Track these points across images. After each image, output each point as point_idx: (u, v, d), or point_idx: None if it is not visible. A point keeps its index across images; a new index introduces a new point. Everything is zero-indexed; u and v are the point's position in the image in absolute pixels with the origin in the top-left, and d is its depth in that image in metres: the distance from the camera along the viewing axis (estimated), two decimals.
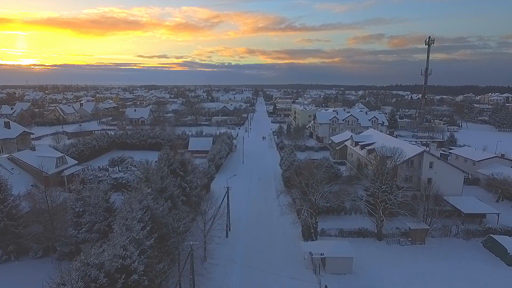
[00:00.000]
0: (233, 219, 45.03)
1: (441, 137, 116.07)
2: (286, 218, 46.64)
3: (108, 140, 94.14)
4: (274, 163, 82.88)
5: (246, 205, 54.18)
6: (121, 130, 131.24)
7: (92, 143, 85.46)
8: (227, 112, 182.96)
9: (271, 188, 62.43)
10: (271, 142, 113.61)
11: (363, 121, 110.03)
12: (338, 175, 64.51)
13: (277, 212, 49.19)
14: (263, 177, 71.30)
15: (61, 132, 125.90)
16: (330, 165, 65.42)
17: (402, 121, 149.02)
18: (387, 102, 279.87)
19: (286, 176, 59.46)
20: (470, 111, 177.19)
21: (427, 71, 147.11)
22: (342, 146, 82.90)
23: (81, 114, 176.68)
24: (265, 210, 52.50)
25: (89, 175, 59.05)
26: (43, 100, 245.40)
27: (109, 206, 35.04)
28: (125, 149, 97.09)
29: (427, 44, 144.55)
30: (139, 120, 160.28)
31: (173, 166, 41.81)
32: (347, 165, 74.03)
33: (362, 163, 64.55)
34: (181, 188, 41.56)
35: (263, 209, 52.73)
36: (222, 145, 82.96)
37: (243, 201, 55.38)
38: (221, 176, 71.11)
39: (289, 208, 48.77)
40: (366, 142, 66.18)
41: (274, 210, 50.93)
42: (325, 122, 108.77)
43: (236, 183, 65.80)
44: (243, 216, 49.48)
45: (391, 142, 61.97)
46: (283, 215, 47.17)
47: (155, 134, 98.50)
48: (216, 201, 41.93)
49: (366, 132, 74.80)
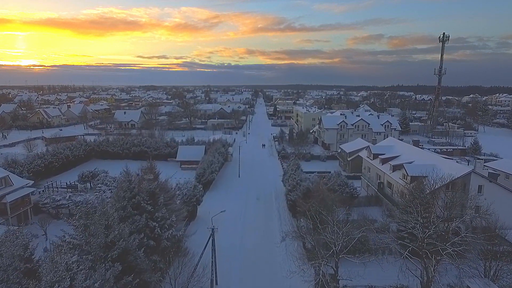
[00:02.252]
0: (221, 268, 33.18)
1: (460, 143, 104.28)
2: (292, 262, 34.77)
3: (86, 148, 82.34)
4: (276, 176, 71.11)
5: (239, 241, 41.80)
6: (107, 135, 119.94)
7: (65, 153, 73.71)
8: (224, 114, 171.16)
9: (273, 213, 50.66)
10: (271, 149, 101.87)
11: (375, 126, 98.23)
12: (354, 196, 52.88)
13: (281, 254, 37.32)
14: (263, 195, 59.48)
15: (40, 137, 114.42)
16: (344, 182, 53.74)
17: (414, 124, 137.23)
18: (392, 103, 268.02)
19: (291, 200, 47.76)
20: (485, 113, 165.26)
21: (441, 71, 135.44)
22: (355, 157, 71.20)
23: (68, 116, 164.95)
24: (265, 252, 39.78)
25: (45, 198, 47.28)
26: (31, 101, 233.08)
27: (30, 267, 23.27)
28: (106, 159, 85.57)
29: (441, 41, 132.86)
30: (128, 123, 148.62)
31: (137, 199, 30.07)
32: (363, 181, 62.29)
33: (384, 181, 52.79)
34: (149, 229, 29.87)
35: (262, 253, 39.49)
36: (215, 155, 71.26)
37: (236, 234, 43.42)
38: (212, 195, 59.46)
39: (298, 249, 36.95)
40: (388, 155, 54.47)
41: (277, 254, 38.82)
42: (333, 127, 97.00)
43: (229, 203, 54.36)
44: (235, 262, 37.25)
45: (420, 156, 50.38)
46: (289, 256, 35.39)
47: (140, 141, 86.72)
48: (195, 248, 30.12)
49: (385, 142, 63.13)
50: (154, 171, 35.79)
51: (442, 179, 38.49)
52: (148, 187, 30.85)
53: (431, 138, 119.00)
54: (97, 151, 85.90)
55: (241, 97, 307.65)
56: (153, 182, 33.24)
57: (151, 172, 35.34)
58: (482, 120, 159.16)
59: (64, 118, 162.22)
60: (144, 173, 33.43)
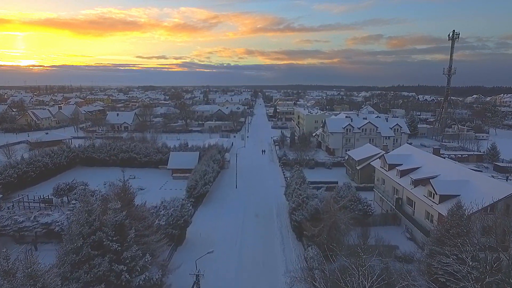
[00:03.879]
0: None
1: (475, 148, 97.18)
2: None
3: (69, 155, 75.09)
4: (277, 187, 64.10)
5: (234, 283, 33.84)
6: (97, 138, 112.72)
7: (43, 161, 66.48)
8: (222, 116, 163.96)
9: (274, 236, 43.41)
10: (271, 155, 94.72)
11: (383, 129, 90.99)
12: (369, 213, 45.80)
13: None
14: (263, 211, 52.21)
15: (25, 141, 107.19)
16: (356, 198, 46.66)
17: (421, 127, 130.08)
18: (395, 104, 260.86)
19: (296, 221, 40.61)
20: (494, 115, 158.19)
21: (451, 70, 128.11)
22: (365, 165, 64.11)
23: (59, 118, 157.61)
24: None
25: (5, 219, 40.03)
26: (23, 102, 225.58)
27: None
28: (92, 166, 78.53)
29: (450, 39, 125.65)
30: (121, 125, 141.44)
31: (99, 235, 22.92)
32: (376, 194, 55.16)
33: (403, 197, 45.64)
34: (114, 274, 22.74)
35: None
36: (209, 163, 64.08)
37: (230, 265, 36.08)
38: (205, 210, 52.29)
39: None
40: (406, 165, 47.33)
41: None
42: (338, 131, 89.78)
43: (224, 221, 47.40)
44: None
45: (444, 167, 43.29)
46: None
47: (128, 147, 79.45)
48: None
49: (401, 150, 55.93)
50: (127, 193, 28.57)
51: (481, 201, 31.48)
52: (114, 218, 23.68)
53: (442, 142, 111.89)
54: (82, 157, 78.66)
55: (241, 97, 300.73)
56: (125, 209, 26.06)
57: (123, 194, 28.12)
58: (491, 122, 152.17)
59: (55, 120, 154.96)
60: (112, 198, 26.19)
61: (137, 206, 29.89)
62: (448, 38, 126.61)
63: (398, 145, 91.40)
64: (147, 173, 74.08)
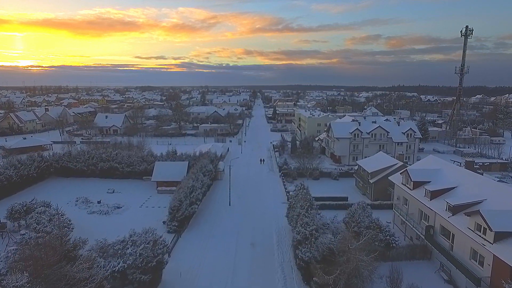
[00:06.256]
0: None
1: (495, 154, 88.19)
2: None
3: (40, 165, 65.93)
4: (277, 204, 55.16)
5: None
6: (82, 142, 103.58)
7: (6, 173, 57.34)
8: (218, 118, 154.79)
9: (274, 276, 34.24)
10: (271, 162, 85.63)
11: (395, 134, 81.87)
12: (392, 245, 36.80)
13: None
14: (260, 238, 43.02)
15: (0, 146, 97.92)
16: (377, 224, 37.68)
17: (432, 130, 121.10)
18: (398, 105, 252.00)
19: (303, 260, 31.46)
20: (506, 117, 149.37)
21: (463, 69, 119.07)
22: (380, 178, 55.13)
23: (44, 121, 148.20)
24: None
25: None
26: (12, 103, 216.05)
27: None
28: (68, 176, 69.50)
29: (463, 35, 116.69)
30: (110, 128, 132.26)
31: None
32: (396, 216, 46.14)
33: (436, 225, 36.56)
34: None
35: None
36: (199, 176, 55.03)
37: None
38: (190, 237, 43.15)
39: None
40: (436, 184, 38.28)
41: None
42: (345, 136, 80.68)
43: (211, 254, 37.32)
44: None
45: (487, 188, 34.22)
46: None
47: (109, 155, 70.30)
48: None
49: (426, 162, 46.75)
50: (65, 244, 19.45)
51: None
52: None
53: (457, 147, 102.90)
54: (56, 168, 69.52)
55: (239, 98, 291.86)
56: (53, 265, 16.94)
57: (59, 246, 18.97)
58: (504, 124, 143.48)
59: (40, 122, 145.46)
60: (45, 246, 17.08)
61: (78, 260, 20.73)
62: (460, 35, 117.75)
63: (411, 152, 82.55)
64: (130, 186, 65.13)
